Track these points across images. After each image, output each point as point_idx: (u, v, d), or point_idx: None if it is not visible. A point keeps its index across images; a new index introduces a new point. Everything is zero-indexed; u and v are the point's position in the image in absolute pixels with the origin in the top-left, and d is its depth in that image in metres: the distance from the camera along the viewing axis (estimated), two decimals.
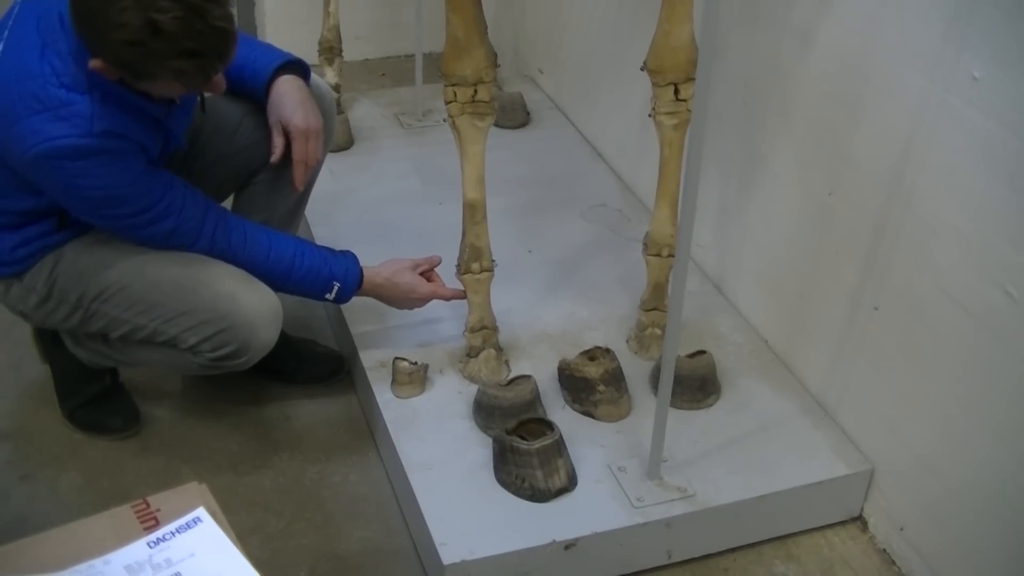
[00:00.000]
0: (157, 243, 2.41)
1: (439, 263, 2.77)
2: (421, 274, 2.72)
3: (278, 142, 2.55)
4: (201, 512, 1.57)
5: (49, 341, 2.72)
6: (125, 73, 2.12)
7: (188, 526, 1.55)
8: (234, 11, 2.14)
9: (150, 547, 1.52)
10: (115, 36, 2.02)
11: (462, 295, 2.71)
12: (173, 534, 1.54)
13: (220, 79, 2.24)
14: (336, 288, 2.59)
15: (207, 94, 2.44)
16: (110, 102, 2.19)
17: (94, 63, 2.09)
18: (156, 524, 1.55)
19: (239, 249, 2.47)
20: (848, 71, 2.40)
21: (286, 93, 2.55)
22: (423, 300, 2.73)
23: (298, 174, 2.58)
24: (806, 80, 2.57)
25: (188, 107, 2.47)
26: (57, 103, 2.16)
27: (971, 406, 2.20)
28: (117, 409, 2.78)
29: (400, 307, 2.76)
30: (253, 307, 2.42)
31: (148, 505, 1.58)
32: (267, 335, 2.45)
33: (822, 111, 2.52)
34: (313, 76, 2.70)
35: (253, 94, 2.58)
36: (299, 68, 2.61)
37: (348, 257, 2.64)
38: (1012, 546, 2.16)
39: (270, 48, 2.61)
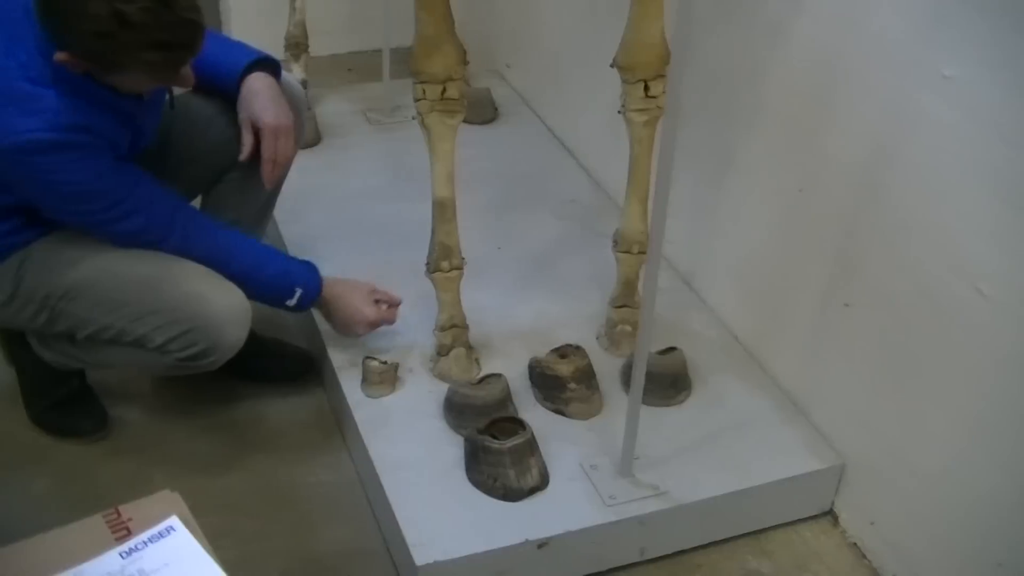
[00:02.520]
0: (126, 240, 2.39)
1: (399, 303, 2.77)
2: (376, 302, 2.72)
3: (247, 140, 2.54)
4: (174, 521, 1.56)
5: (15, 343, 2.69)
6: (93, 66, 2.11)
7: (161, 535, 1.54)
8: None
9: (123, 557, 1.51)
10: (83, 28, 2.01)
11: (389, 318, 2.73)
12: (146, 544, 1.53)
13: (189, 73, 2.23)
14: (298, 294, 2.58)
15: (178, 91, 2.43)
16: (77, 96, 2.17)
17: (60, 56, 2.08)
18: (128, 534, 1.54)
19: (208, 249, 2.45)
20: (820, 68, 2.41)
21: (257, 91, 2.54)
22: (366, 326, 2.70)
23: (267, 172, 2.56)
24: (777, 76, 2.57)
25: (158, 103, 2.46)
26: (23, 97, 2.14)
27: (941, 402, 2.21)
28: (85, 412, 2.75)
29: (342, 329, 2.74)
30: (222, 306, 2.40)
31: (120, 514, 1.57)
32: (235, 335, 2.43)
33: (793, 108, 2.53)
34: (285, 74, 2.69)
35: (225, 91, 2.57)
36: (271, 66, 2.60)
37: (311, 266, 2.64)
38: (982, 539, 2.17)
39: (242, 46, 2.60)
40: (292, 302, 2.59)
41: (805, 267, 2.56)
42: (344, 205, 3.39)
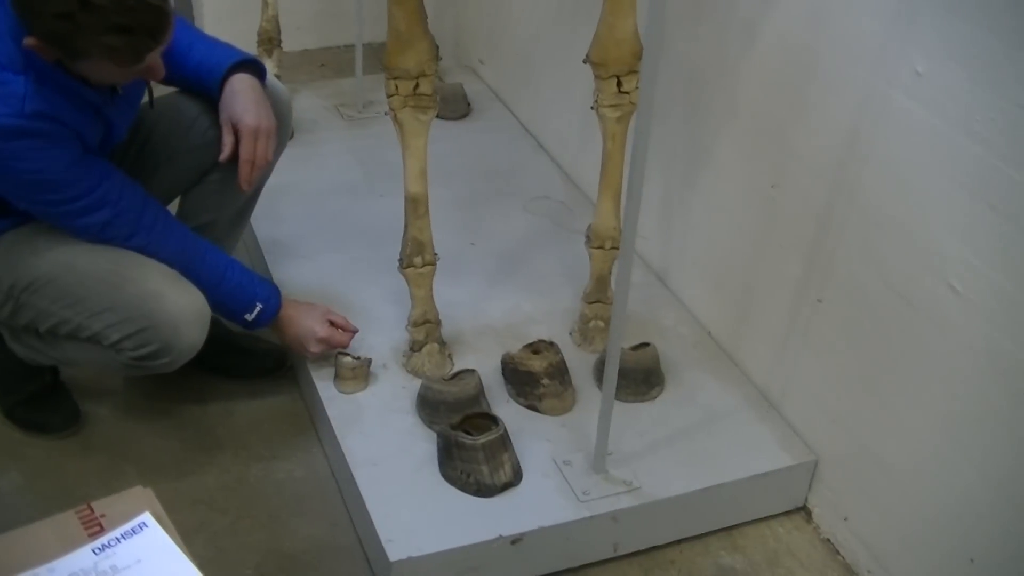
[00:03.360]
0: (92, 234, 2.37)
1: (355, 331, 2.73)
2: (331, 323, 2.70)
3: (227, 140, 2.51)
4: (146, 517, 1.55)
5: None
6: (58, 50, 2.08)
7: (134, 532, 1.53)
8: None
9: (95, 554, 1.50)
10: (45, 9, 1.99)
11: (352, 332, 2.72)
12: (118, 540, 1.52)
13: (158, 64, 2.21)
14: (258, 309, 2.57)
15: (158, 92, 2.42)
16: (46, 84, 2.15)
17: (28, 41, 2.06)
18: (101, 530, 1.54)
19: (174, 250, 2.43)
20: (792, 64, 2.41)
21: (239, 91, 2.52)
22: (317, 343, 2.66)
23: (244, 173, 2.53)
24: (750, 72, 2.58)
25: (133, 99, 2.45)
26: None
27: (914, 398, 2.22)
28: (57, 407, 2.74)
29: (294, 346, 2.71)
30: (178, 307, 2.38)
31: (92, 511, 1.56)
32: (190, 337, 2.40)
33: (766, 103, 2.53)
34: (270, 77, 2.67)
35: (207, 91, 2.55)
36: (255, 68, 2.58)
37: (273, 285, 2.65)
38: (954, 535, 2.18)
39: (227, 47, 2.57)
40: (251, 316, 2.57)
41: (778, 263, 2.57)
42: (316, 200, 3.38)
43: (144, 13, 2.05)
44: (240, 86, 2.52)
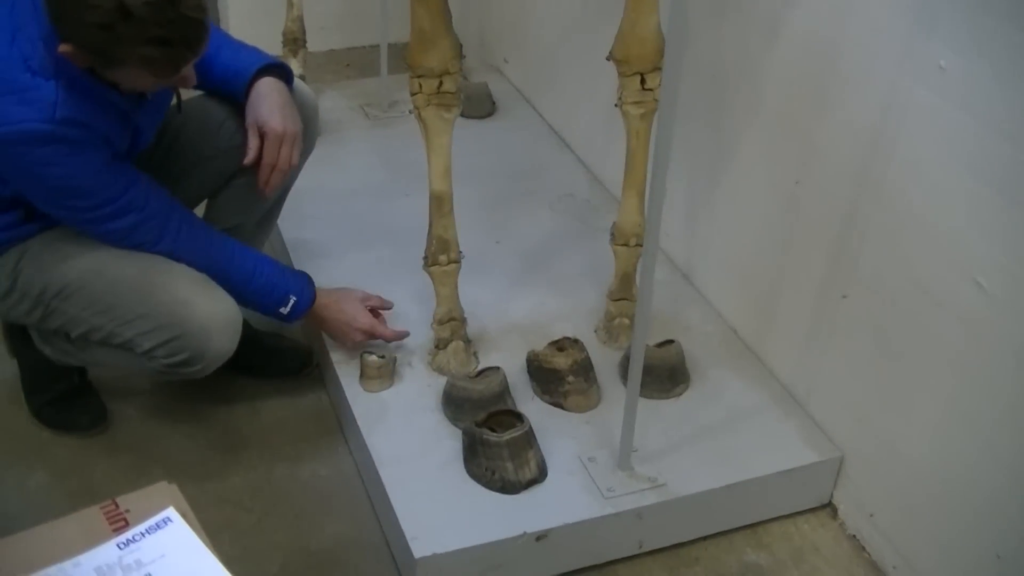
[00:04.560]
0: (118, 240, 2.38)
1: (391, 308, 2.78)
2: (369, 310, 2.72)
3: (253, 143, 2.51)
4: (171, 512, 1.56)
5: (18, 336, 2.69)
6: (94, 58, 2.10)
7: (158, 527, 1.54)
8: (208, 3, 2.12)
9: (120, 548, 1.51)
10: (86, 18, 2.00)
11: (402, 336, 2.74)
12: (143, 535, 1.53)
13: (190, 73, 2.22)
14: (292, 302, 2.58)
15: (185, 95, 2.42)
16: (76, 90, 2.16)
17: (64, 48, 2.07)
18: (126, 525, 1.55)
19: (202, 253, 2.44)
20: (816, 60, 2.40)
21: (265, 95, 2.52)
22: (362, 333, 2.70)
23: (263, 176, 2.54)
24: (774, 69, 2.57)
25: (161, 104, 2.45)
26: (22, 87, 2.13)
27: (939, 394, 2.21)
28: (85, 407, 2.75)
29: (339, 338, 2.73)
30: (208, 315, 2.39)
31: (117, 506, 1.57)
32: (222, 344, 2.42)
33: (790, 100, 2.53)
34: (298, 82, 2.68)
35: (234, 95, 2.55)
36: (282, 72, 2.59)
37: (304, 275, 2.65)
38: (979, 531, 2.17)
39: (254, 50, 2.58)
40: (286, 310, 2.58)
41: (802, 260, 2.56)
42: (341, 200, 3.38)
43: (183, 26, 2.06)
44: (266, 90, 2.53)
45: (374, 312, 2.74)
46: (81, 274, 2.39)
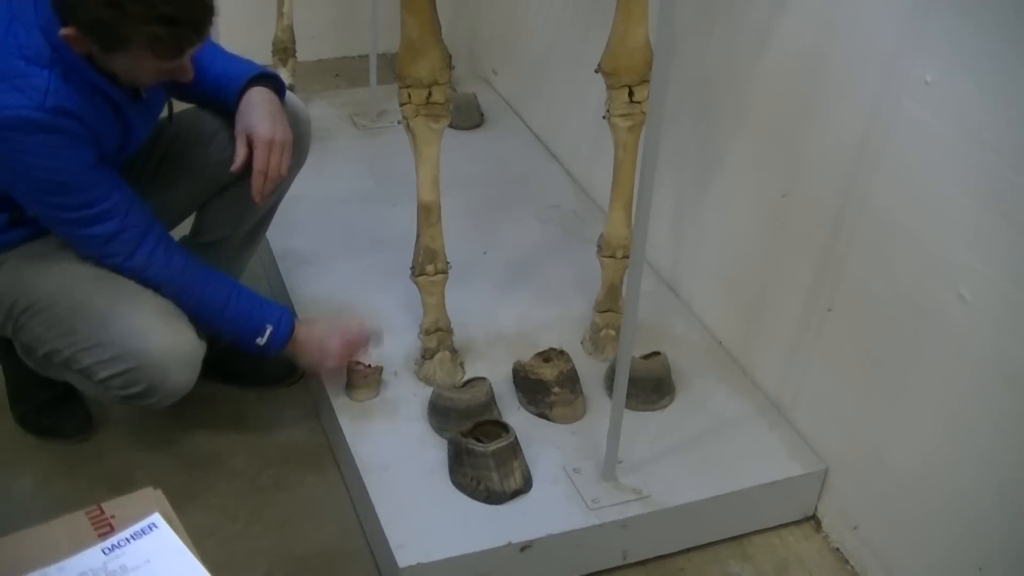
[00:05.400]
0: (94, 247, 2.34)
1: (376, 344, 2.72)
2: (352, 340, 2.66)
3: (241, 151, 2.48)
4: (156, 518, 1.56)
5: (2, 343, 2.68)
6: (98, 39, 2.08)
7: (143, 532, 1.54)
8: None
9: (105, 554, 1.51)
10: None
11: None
12: (128, 540, 1.53)
13: (188, 64, 2.21)
14: (268, 332, 2.50)
15: (177, 107, 2.42)
16: (71, 82, 2.15)
17: (66, 31, 2.06)
18: (111, 530, 1.54)
19: (176, 275, 2.40)
20: (803, 73, 2.42)
21: (256, 103, 2.51)
22: (331, 361, 2.62)
23: (256, 184, 2.49)
24: (761, 81, 2.58)
25: (153, 107, 2.45)
26: (14, 74, 2.13)
27: (924, 406, 2.22)
28: (69, 414, 2.75)
29: (312, 369, 2.69)
30: (166, 348, 2.34)
31: (103, 511, 1.57)
32: (179, 378, 2.37)
33: (777, 112, 2.54)
34: (290, 94, 2.67)
35: (225, 104, 2.54)
36: (274, 82, 2.58)
37: (283, 308, 2.58)
38: (964, 544, 2.18)
39: (247, 62, 2.57)
40: (262, 340, 2.50)
41: (788, 271, 2.57)
42: (330, 209, 3.39)
43: (190, 5, 2.06)
44: (257, 98, 2.52)
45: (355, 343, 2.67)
46: (50, 293, 2.36)
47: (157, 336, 2.34)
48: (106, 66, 2.17)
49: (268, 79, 2.56)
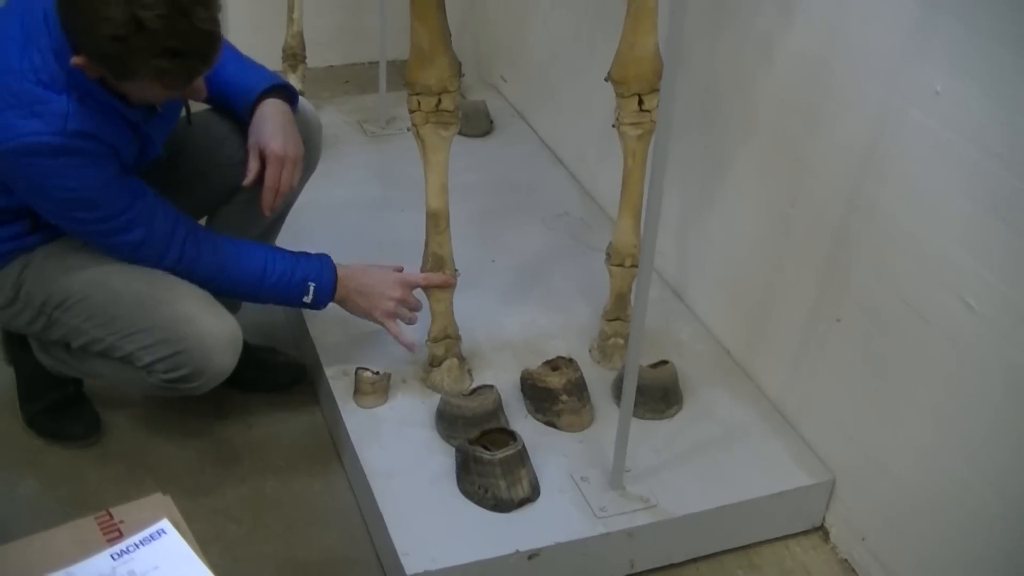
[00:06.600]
0: (125, 254, 2.38)
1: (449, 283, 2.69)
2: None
3: (253, 165, 2.50)
4: (165, 524, 1.56)
5: (16, 343, 2.70)
6: (106, 70, 2.09)
7: (152, 538, 1.54)
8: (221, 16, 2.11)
9: (113, 559, 1.51)
10: (99, 30, 1.99)
11: (438, 282, 2.64)
12: (137, 546, 1.53)
13: (201, 85, 2.22)
14: (312, 289, 2.53)
15: (194, 108, 2.42)
16: (87, 103, 2.16)
17: (76, 59, 2.07)
18: (119, 536, 1.55)
19: (209, 260, 2.43)
20: (810, 82, 2.42)
21: (268, 116, 2.52)
22: (400, 287, 2.62)
23: (267, 200, 2.52)
24: (768, 90, 2.58)
25: (170, 116, 2.45)
26: (32, 99, 2.14)
27: (931, 415, 2.22)
28: (78, 416, 2.76)
29: (373, 311, 2.63)
30: (210, 331, 2.39)
31: (111, 516, 1.57)
32: (222, 361, 2.41)
33: (784, 121, 2.54)
34: (303, 103, 2.68)
35: (237, 112, 2.56)
36: (287, 93, 2.59)
37: (321, 258, 2.59)
38: (972, 555, 2.17)
39: (260, 69, 2.58)
40: (308, 298, 2.54)
41: (794, 280, 2.57)
42: (338, 215, 3.38)
43: (196, 38, 2.05)
44: (270, 111, 2.52)
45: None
46: (84, 286, 2.39)
47: (201, 320, 2.38)
48: (118, 89, 2.18)
49: (281, 90, 2.57)
